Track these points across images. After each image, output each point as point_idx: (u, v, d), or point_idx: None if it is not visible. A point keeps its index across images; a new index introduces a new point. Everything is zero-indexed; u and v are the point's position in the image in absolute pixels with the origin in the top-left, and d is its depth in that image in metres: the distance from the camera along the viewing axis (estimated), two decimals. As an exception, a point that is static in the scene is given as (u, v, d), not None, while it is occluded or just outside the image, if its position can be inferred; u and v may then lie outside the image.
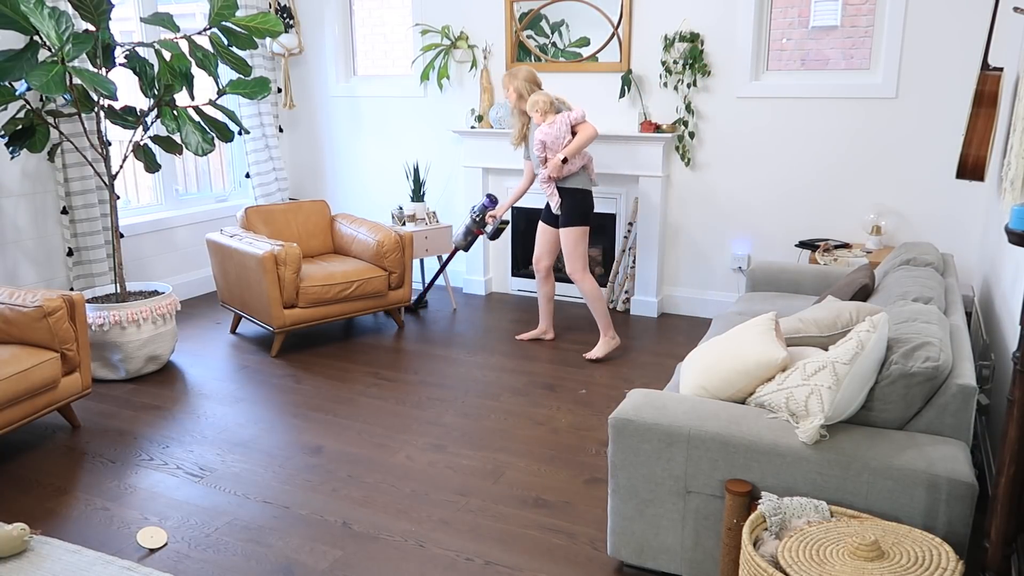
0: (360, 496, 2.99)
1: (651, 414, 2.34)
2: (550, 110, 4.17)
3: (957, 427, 2.18)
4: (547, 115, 4.17)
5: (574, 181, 4.21)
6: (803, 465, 2.16)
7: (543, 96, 4.18)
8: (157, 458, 3.31)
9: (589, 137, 4.11)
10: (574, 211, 4.24)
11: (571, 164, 4.14)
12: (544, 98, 4.17)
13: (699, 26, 4.74)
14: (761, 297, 3.84)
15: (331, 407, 3.80)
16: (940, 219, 4.44)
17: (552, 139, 4.12)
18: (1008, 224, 1.79)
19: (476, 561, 2.59)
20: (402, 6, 5.69)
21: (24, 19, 3.52)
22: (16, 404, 3.18)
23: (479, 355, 4.47)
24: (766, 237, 4.88)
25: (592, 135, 4.12)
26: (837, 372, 2.15)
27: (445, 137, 5.67)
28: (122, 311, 3.96)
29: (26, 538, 2.54)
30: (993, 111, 2.90)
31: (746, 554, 1.95)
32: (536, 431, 3.53)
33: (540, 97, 4.18)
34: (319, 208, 5.19)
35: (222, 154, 6.01)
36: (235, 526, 2.80)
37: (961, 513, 2.03)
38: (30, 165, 4.45)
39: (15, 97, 3.70)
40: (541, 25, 5.22)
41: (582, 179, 4.23)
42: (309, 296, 4.41)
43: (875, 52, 4.42)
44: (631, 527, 2.43)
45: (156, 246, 5.35)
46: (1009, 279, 3.05)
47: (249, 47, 4.11)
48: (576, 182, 4.22)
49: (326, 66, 5.95)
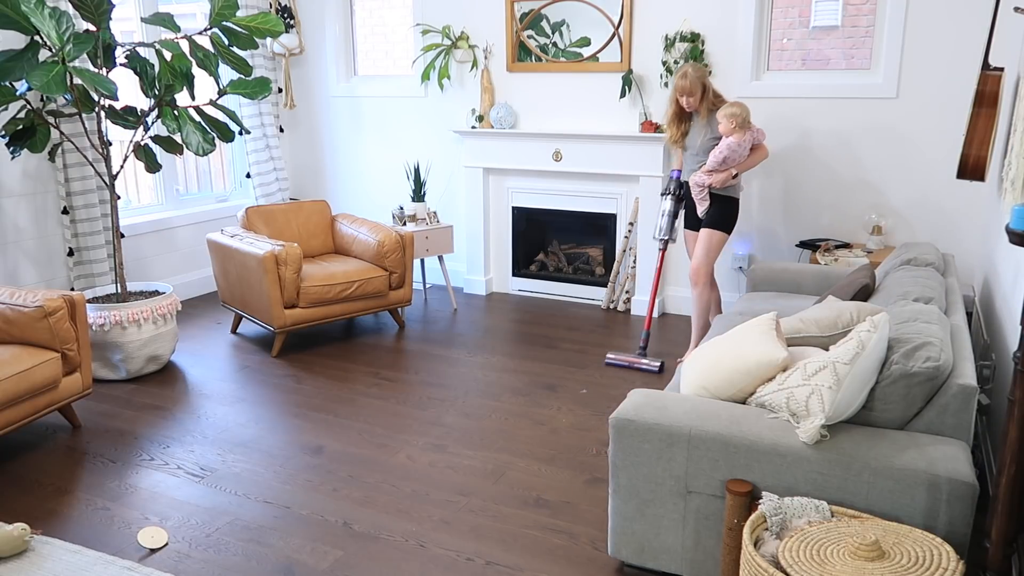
0: (361, 496, 2.99)
1: (652, 414, 2.34)
2: (742, 126, 3.98)
3: (958, 427, 2.18)
4: (738, 131, 3.96)
5: (732, 191, 4.15)
6: (804, 465, 2.16)
7: (739, 109, 3.97)
8: (158, 458, 3.31)
9: (762, 158, 4.10)
10: (721, 215, 4.13)
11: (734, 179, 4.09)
12: (740, 112, 3.98)
13: (700, 26, 4.74)
14: (762, 297, 3.84)
15: (332, 407, 3.80)
16: (941, 219, 4.44)
17: (737, 156, 4.00)
18: (1009, 224, 1.79)
19: (477, 561, 2.59)
20: (403, 6, 5.69)
21: (25, 19, 3.52)
22: (17, 404, 3.18)
23: (480, 355, 4.47)
24: (767, 237, 4.88)
25: (764, 157, 4.11)
26: (838, 372, 2.15)
27: (446, 137, 5.67)
28: (123, 311, 3.96)
29: (27, 538, 2.54)
30: (994, 111, 2.90)
31: (747, 554, 1.95)
32: (537, 431, 3.53)
33: (736, 110, 3.96)
34: (320, 208, 5.19)
35: (223, 154, 6.01)
36: (236, 526, 2.80)
37: (962, 513, 2.03)
38: (31, 165, 4.45)
39: (16, 97, 3.70)
40: (542, 25, 5.22)
41: (734, 188, 4.16)
42: (310, 296, 4.41)
43: (876, 52, 4.42)
44: (632, 527, 2.43)
45: (157, 246, 5.35)
46: (1010, 279, 3.05)
47: (250, 47, 4.11)
48: (733, 192, 4.15)
49: (327, 66, 5.96)
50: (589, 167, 5.14)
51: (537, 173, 5.36)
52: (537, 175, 5.37)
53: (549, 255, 5.75)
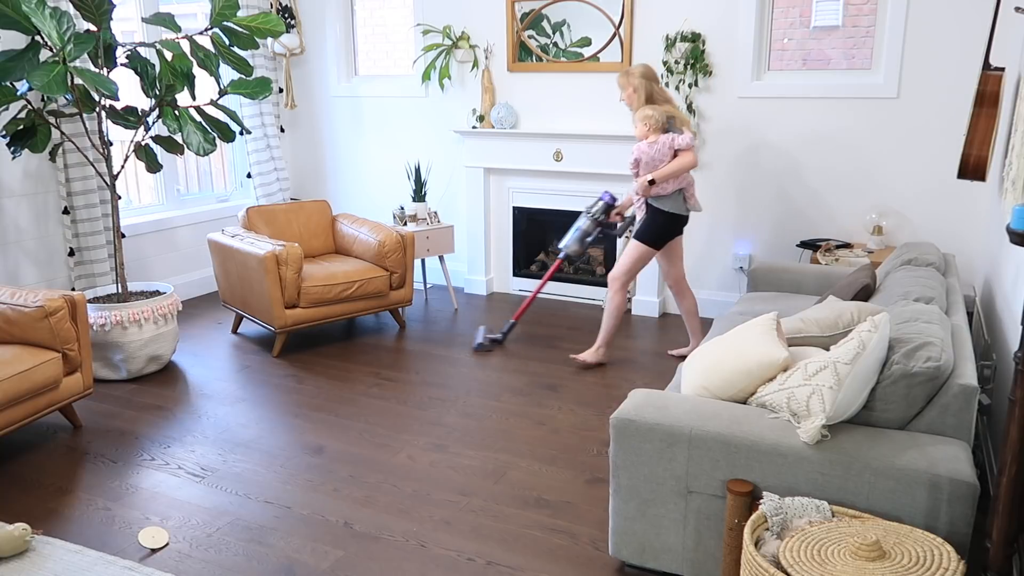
0: (361, 496, 2.99)
1: (652, 414, 2.34)
2: (657, 128, 3.93)
3: (959, 427, 2.18)
4: (652, 133, 3.94)
5: (665, 203, 4.02)
6: (804, 465, 2.16)
7: (654, 111, 3.94)
8: (159, 458, 3.31)
9: (686, 166, 3.92)
10: (650, 229, 4.07)
11: (660, 188, 3.96)
12: (654, 113, 3.93)
13: (700, 26, 4.74)
14: (762, 297, 3.84)
15: (332, 407, 3.80)
16: (941, 219, 4.44)
17: (648, 159, 3.94)
18: (1009, 224, 1.79)
19: (477, 561, 2.59)
20: (403, 6, 5.69)
21: (25, 19, 3.52)
22: (18, 404, 3.18)
23: (480, 355, 4.47)
24: (767, 237, 4.88)
25: (690, 165, 3.92)
26: (839, 372, 2.15)
27: (446, 137, 5.67)
28: (123, 311, 3.96)
29: (28, 538, 2.54)
30: (995, 111, 2.90)
31: (748, 554, 1.95)
32: (537, 431, 3.53)
33: (651, 112, 3.93)
34: (320, 208, 5.19)
35: (223, 154, 6.01)
36: (236, 526, 2.80)
37: (963, 513, 2.03)
38: (31, 165, 4.46)
39: (17, 97, 3.70)
40: (542, 25, 5.22)
41: (675, 203, 4.03)
42: (310, 296, 4.41)
43: (877, 52, 4.42)
44: (633, 527, 2.43)
45: (157, 246, 5.35)
46: (1010, 279, 3.05)
47: (250, 47, 4.11)
48: (666, 204, 4.02)
49: (327, 66, 5.96)
50: (590, 167, 5.13)
51: (538, 173, 5.36)
52: (538, 175, 5.37)
53: (550, 255, 5.74)
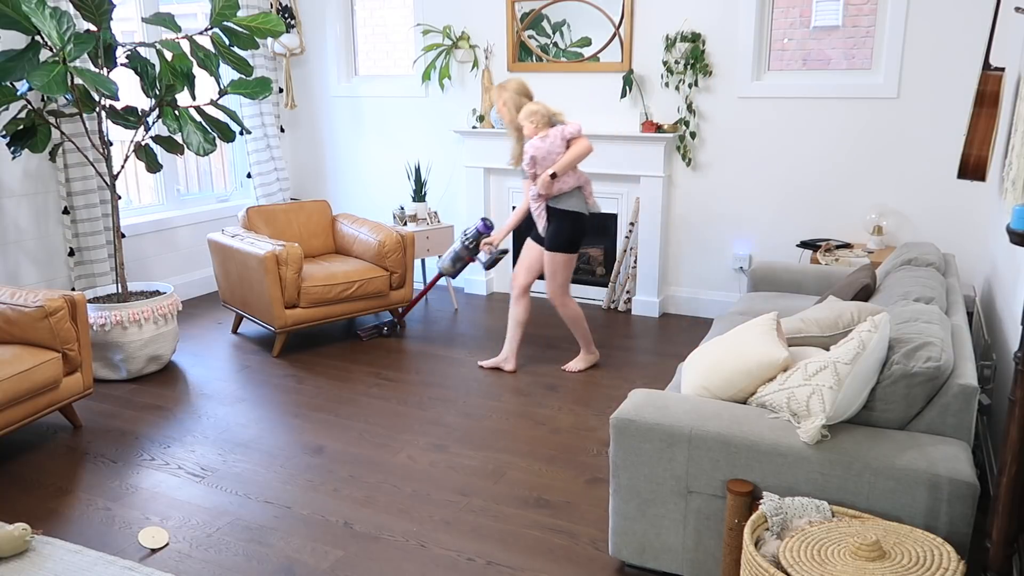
0: (361, 496, 2.99)
1: (652, 414, 2.34)
2: (544, 123, 3.83)
3: (959, 427, 2.18)
4: (540, 128, 3.83)
5: (567, 203, 3.87)
6: (804, 465, 2.16)
7: (538, 106, 3.84)
8: (159, 458, 3.31)
9: (582, 152, 3.77)
10: (561, 235, 3.90)
11: (562, 182, 3.82)
12: (539, 108, 3.83)
13: (700, 26, 4.74)
14: (762, 297, 3.83)
15: (332, 407, 3.80)
16: (942, 219, 4.44)
17: (544, 154, 3.80)
18: (1009, 224, 1.79)
19: (477, 561, 2.59)
20: (403, 6, 5.69)
21: (25, 19, 3.52)
22: (18, 404, 3.18)
23: (480, 355, 4.46)
24: (767, 237, 4.88)
25: (586, 150, 3.77)
26: (839, 372, 2.15)
27: (446, 137, 5.67)
28: (123, 311, 3.96)
29: (28, 538, 2.54)
30: (995, 111, 2.90)
31: (748, 554, 1.95)
32: (537, 431, 3.53)
33: (535, 107, 3.83)
34: (320, 208, 5.19)
35: (223, 154, 6.01)
36: (236, 526, 2.80)
37: (963, 513, 2.03)
38: (31, 165, 4.46)
39: (17, 97, 3.70)
40: (542, 25, 5.22)
41: (576, 201, 3.89)
42: (311, 296, 4.41)
43: (877, 52, 4.42)
44: (632, 527, 2.43)
45: (157, 246, 5.36)
46: (1010, 279, 3.05)
47: (250, 47, 4.11)
48: (569, 204, 3.87)
49: (327, 66, 5.96)
50: (590, 167, 5.12)
51: (538, 173, 5.35)
52: (538, 175, 5.37)
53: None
